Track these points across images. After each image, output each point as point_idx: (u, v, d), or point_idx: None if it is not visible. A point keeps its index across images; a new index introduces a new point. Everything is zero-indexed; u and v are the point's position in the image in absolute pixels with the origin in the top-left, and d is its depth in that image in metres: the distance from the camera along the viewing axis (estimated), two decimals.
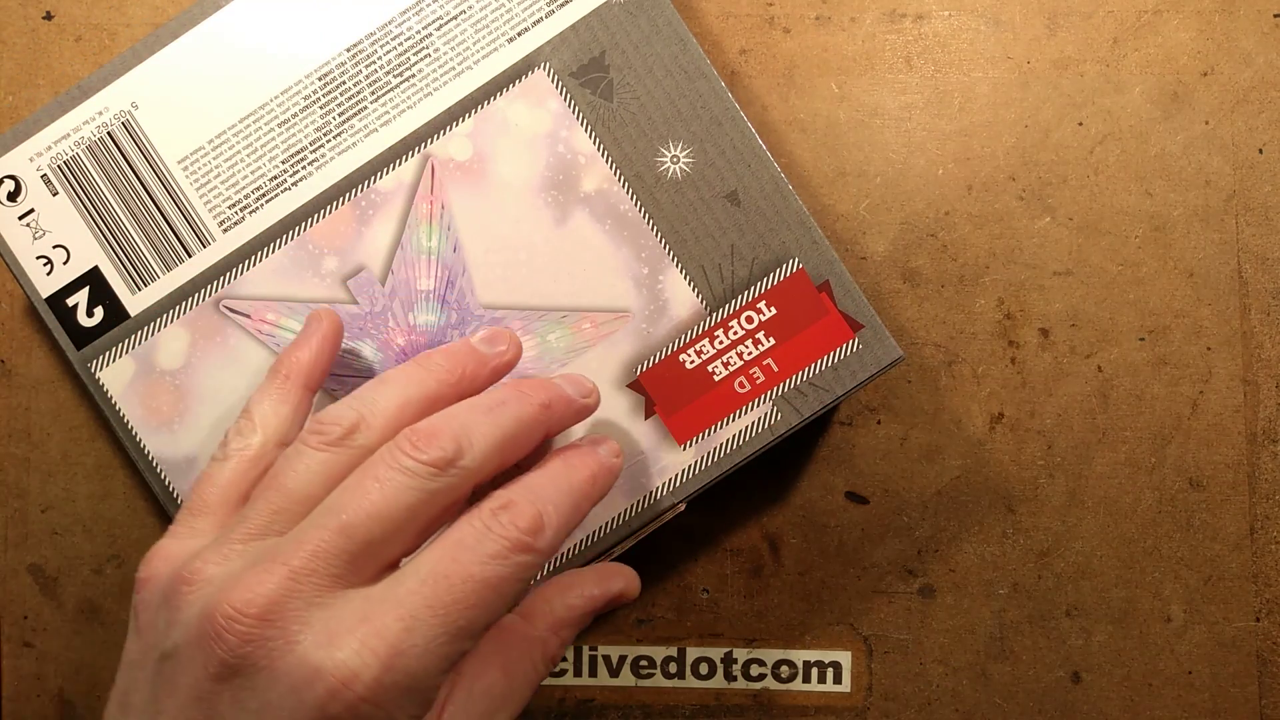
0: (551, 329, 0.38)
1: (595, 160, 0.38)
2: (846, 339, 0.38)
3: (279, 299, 0.38)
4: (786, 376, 0.38)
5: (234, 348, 0.38)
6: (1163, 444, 0.43)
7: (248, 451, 0.33)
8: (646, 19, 0.38)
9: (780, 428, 0.38)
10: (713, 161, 0.38)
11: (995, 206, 0.44)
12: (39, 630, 0.44)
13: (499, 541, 0.30)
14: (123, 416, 0.38)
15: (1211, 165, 0.44)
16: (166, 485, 0.38)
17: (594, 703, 0.44)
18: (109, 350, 0.39)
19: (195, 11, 0.39)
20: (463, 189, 0.38)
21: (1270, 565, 0.43)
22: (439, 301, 0.38)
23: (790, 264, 0.38)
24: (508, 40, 0.38)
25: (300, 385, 0.35)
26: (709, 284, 0.38)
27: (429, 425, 0.31)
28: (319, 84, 0.38)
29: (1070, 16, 0.44)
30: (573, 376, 0.36)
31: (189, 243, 0.38)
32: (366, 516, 0.29)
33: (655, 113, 0.38)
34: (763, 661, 0.44)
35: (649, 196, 0.38)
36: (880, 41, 0.44)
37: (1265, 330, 0.43)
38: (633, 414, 0.38)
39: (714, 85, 0.38)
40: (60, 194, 0.39)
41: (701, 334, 0.38)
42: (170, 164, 0.38)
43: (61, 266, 0.39)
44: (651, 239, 0.38)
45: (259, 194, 0.38)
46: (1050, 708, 0.43)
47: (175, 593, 0.30)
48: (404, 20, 0.38)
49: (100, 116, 0.38)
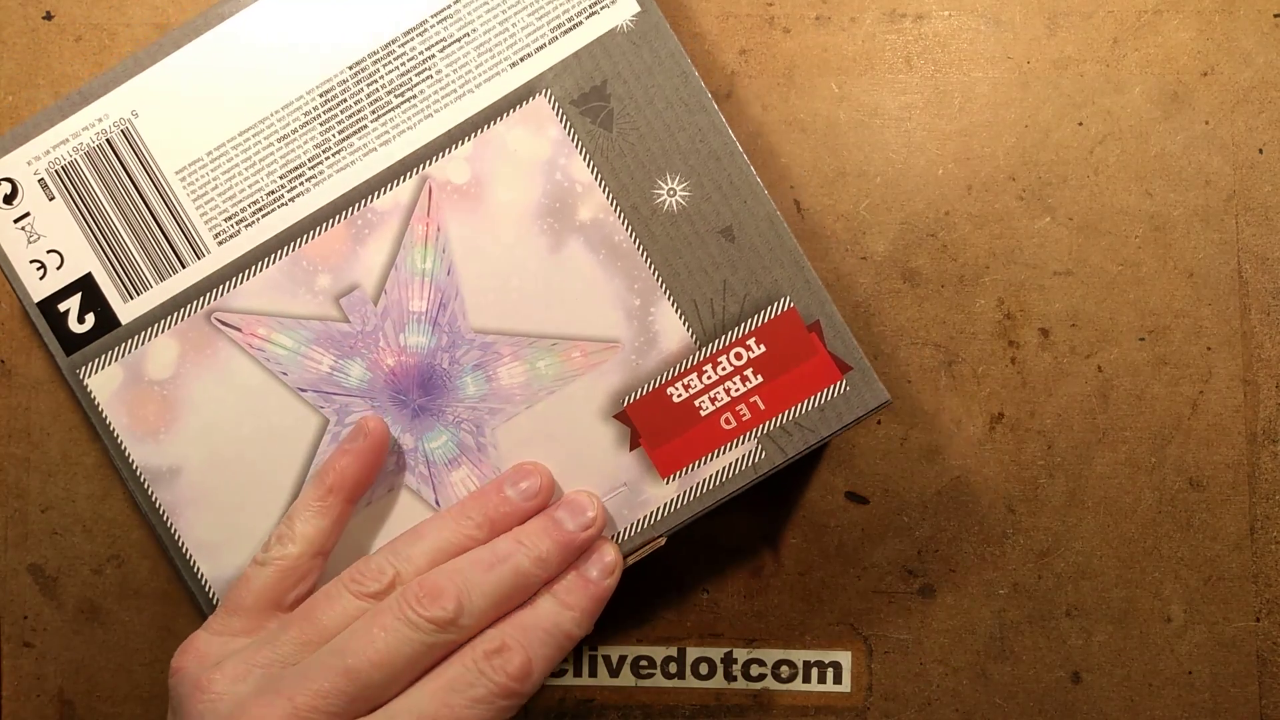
0: (541, 356, 0.38)
1: (592, 189, 0.38)
2: (834, 380, 0.38)
3: (271, 314, 0.38)
4: (773, 415, 0.38)
5: (224, 360, 0.38)
6: (1163, 444, 0.43)
7: (285, 561, 0.36)
8: (650, 50, 0.38)
9: (764, 466, 0.38)
10: (709, 196, 0.38)
11: (995, 206, 0.44)
12: (39, 630, 0.44)
13: (488, 686, 0.33)
14: (109, 424, 0.38)
15: (1211, 165, 0.44)
16: (149, 494, 0.38)
17: (594, 703, 0.44)
18: (99, 357, 0.38)
19: (199, 22, 0.38)
20: (459, 212, 0.38)
21: (1270, 565, 0.43)
22: (430, 323, 0.38)
23: (782, 302, 0.38)
24: (510, 65, 0.38)
25: (343, 499, 0.37)
26: (700, 318, 0.38)
27: (434, 582, 0.33)
28: (320, 101, 0.38)
29: (1070, 16, 0.44)
30: (576, 502, 0.37)
31: (183, 253, 0.38)
32: (369, 664, 0.32)
33: (654, 144, 0.38)
34: (763, 661, 0.44)
35: (644, 228, 0.38)
36: (880, 41, 0.44)
37: (1265, 330, 0.43)
38: (617, 445, 0.38)
39: (714, 120, 0.38)
40: (57, 199, 0.38)
41: (690, 368, 0.38)
42: (168, 174, 0.38)
43: (55, 271, 0.39)
44: (644, 271, 0.38)
45: (255, 208, 0.38)
46: (1050, 708, 0.43)
47: (191, 697, 0.33)
48: (408, 41, 0.38)
49: (100, 123, 0.38)
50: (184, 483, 0.38)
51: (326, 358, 0.38)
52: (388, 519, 0.38)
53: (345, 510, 0.37)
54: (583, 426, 0.38)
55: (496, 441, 0.38)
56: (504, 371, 0.38)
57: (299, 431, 0.38)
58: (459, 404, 0.38)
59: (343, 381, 0.38)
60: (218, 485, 0.38)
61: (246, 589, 0.36)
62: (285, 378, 0.38)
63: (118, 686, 0.44)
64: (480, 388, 0.38)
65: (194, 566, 0.38)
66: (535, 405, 0.38)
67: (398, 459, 0.38)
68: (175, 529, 0.38)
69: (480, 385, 0.38)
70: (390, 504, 0.38)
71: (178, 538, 0.38)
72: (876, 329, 0.44)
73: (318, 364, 0.38)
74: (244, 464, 0.38)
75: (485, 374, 0.38)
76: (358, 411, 0.38)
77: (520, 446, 0.38)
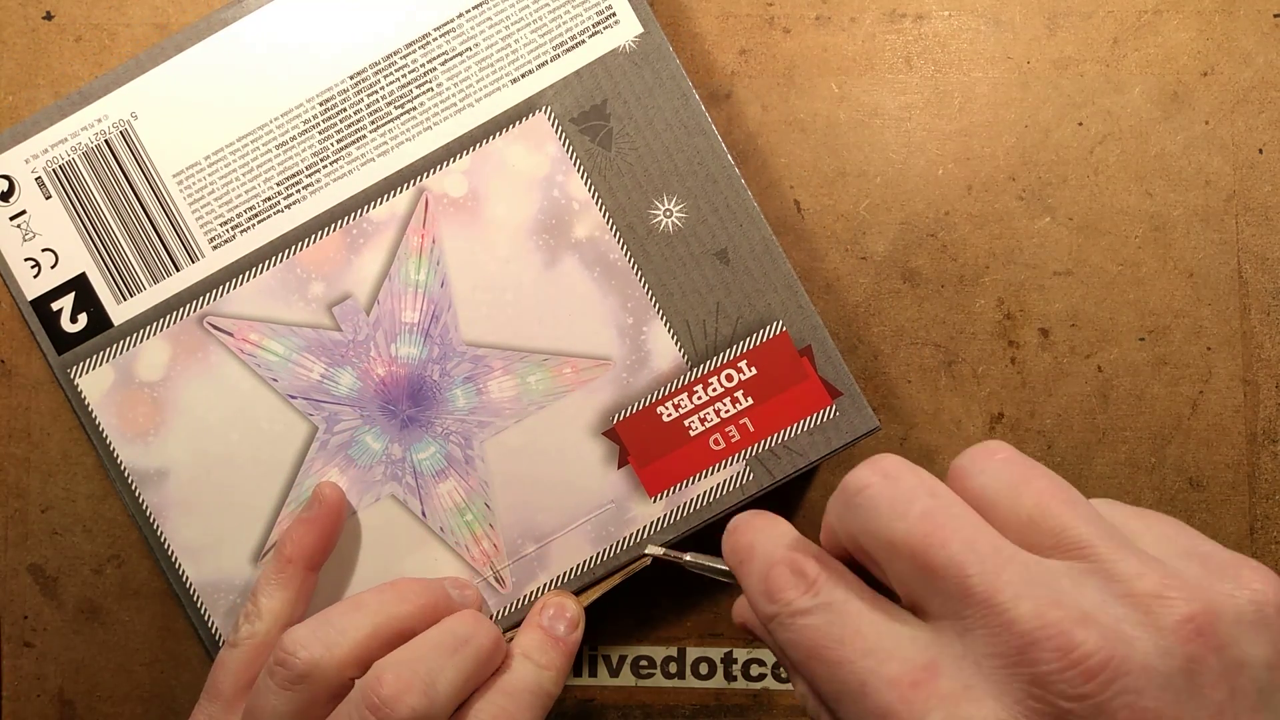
0: (532, 371, 0.38)
1: (589, 207, 0.38)
2: (824, 405, 0.38)
3: (263, 320, 0.38)
4: (762, 437, 0.38)
5: (214, 364, 0.38)
6: (1163, 444, 0.43)
7: (254, 639, 0.35)
8: (651, 71, 0.38)
9: (751, 488, 0.38)
10: (705, 218, 0.38)
11: (995, 206, 0.44)
12: (39, 630, 0.44)
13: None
14: (98, 424, 0.38)
15: (1211, 165, 0.44)
16: (136, 495, 0.38)
17: (594, 703, 0.44)
18: (90, 357, 0.39)
19: (201, 26, 0.39)
20: (455, 225, 0.38)
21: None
22: (422, 335, 0.38)
23: (774, 326, 0.38)
24: (511, 81, 0.38)
25: (303, 568, 0.37)
26: (692, 339, 0.38)
27: (395, 680, 0.31)
28: (320, 109, 0.38)
29: (1070, 16, 0.44)
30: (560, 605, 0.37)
31: (178, 256, 0.38)
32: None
33: (652, 165, 0.38)
34: (763, 661, 0.44)
35: (639, 248, 0.38)
36: (880, 41, 0.44)
37: (1265, 330, 0.43)
38: (606, 462, 0.38)
39: (712, 142, 0.38)
40: (53, 198, 0.38)
41: (681, 388, 0.38)
42: (165, 177, 0.38)
43: (49, 270, 0.39)
44: (638, 290, 0.38)
45: (251, 214, 0.38)
46: None
47: None
48: (410, 53, 0.38)
49: (99, 124, 0.38)
50: (171, 485, 0.38)
51: (317, 365, 0.38)
52: (375, 529, 0.38)
53: (308, 578, 0.37)
54: (571, 442, 0.38)
55: (485, 455, 0.38)
56: (494, 385, 0.38)
57: (288, 438, 0.38)
58: (448, 416, 0.38)
59: (333, 389, 0.38)
60: (205, 489, 0.38)
61: (224, 673, 0.35)
62: (275, 384, 0.38)
63: (118, 686, 0.44)
64: (470, 400, 0.38)
65: (179, 569, 0.38)
66: (525, 420, 0.38)
67: (385, 469, 0.38)
68: (161, 531, 0.38)
69: (470, 398, 0.38)
70: (377, 514, 0.38)
71: (164, 540, 0.38)
72: (876, 329, 0.44)
73: (308, 371, 0.38)
74: (232, 468, 0.38)
75: (476, 387, 0.38)
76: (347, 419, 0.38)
77: (508, 461, 0.38)
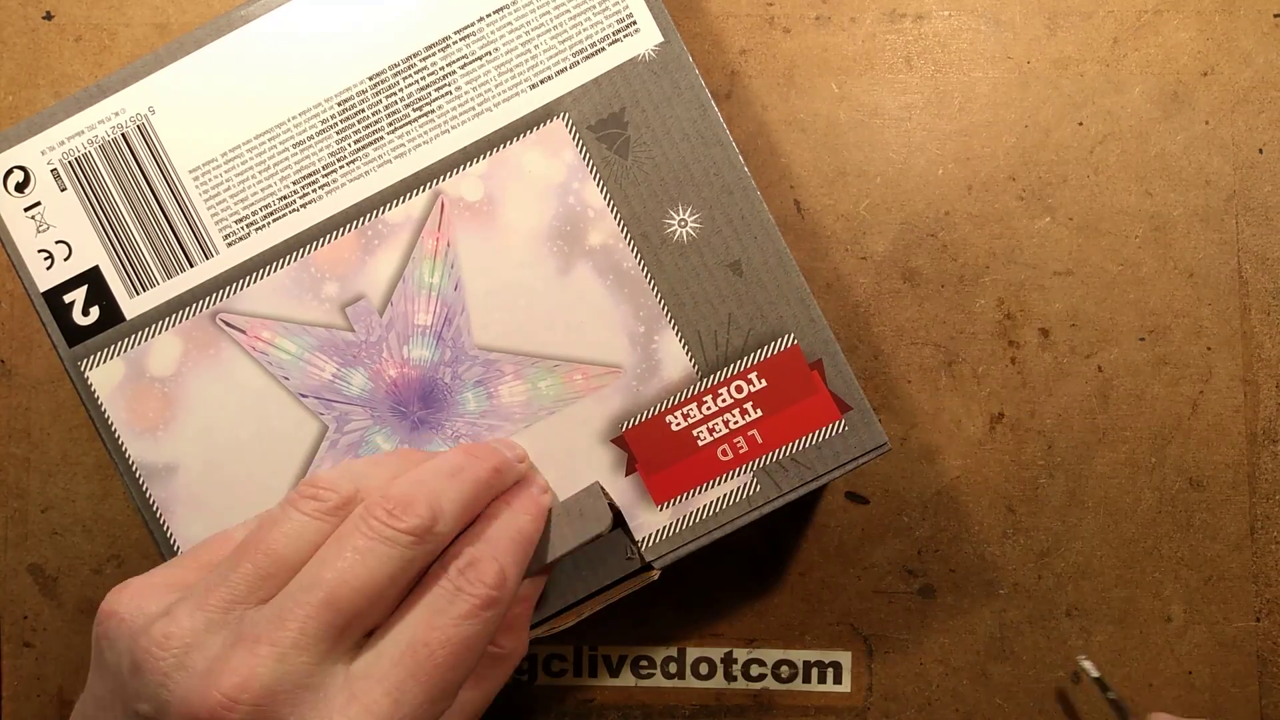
0: (543, 376, 0.38)
1: (604, 215, 0.38)
2: (833, 419, 0.38)
3: (276, 318, 0.38)
4: (770, 449, 0.38)
5: (226, 361, 0.38)
6: (1163, 444, 0.44)
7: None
8: (670, 80, 0.38)
9: (758, 500, 0.38)
10: (720, 229, 0.38)
11: (995, 206, 0.44)
12: (39, 630, 0.44)
13: (469, 601, 0.31)
14: (107, 418, 0.38)
15: (1211, 165, 0.44)
16: (144, 491, 0.38)
17: (594, 703, 0.44)
18: (101, 351, 0.38)
19: (221, 22, 0.39)
20: (470, 229, 0.38)
21: (1270, 565, 0.43)
22: (435, 338, 0.38)
23: (785, 339, 0.38)
24: (530, 86, 0.38)
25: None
26: (703, 349, 0.38)
27: (402, 493, 0.31)
28: (338, 109, 0.38)
29: (1070, 16, 0.44)
30: (507, 441, 0.37)
31: (192, 252, 0.38)
32: (351, 590, 0.29)
33: (668, 174, 0.38)
34: (763, 661, 0.44)
35: (653, 257, 0.38)
36: (880, 41, 0.44)
37: (1265, 330, 0.44)
38: (613, 469, 0.38)
39: (729, 154, 0.38)
40: (68, 190, 0.38)
41: (690, 397, 0.38)
42: (181, 172, 0.38)
43: (62, 262, 0.39)
44: (651, 299, 0.38)
45: (267, 212, 0.38)
46: (1050, 708, 0.43)
47: (148, 656, 0.29)
48: (429, 55, 0.38)
49: (116, 117, 0.38)
50: (180, 481, 0.38)
51: (329, 365, 0.38)
52: None
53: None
54: (580, 449, 0.38)
55: None
56: (505, 389, 0.38)
57: (298, 436, 0.38)
58: (458, 419, 0.38)
59: (344, 389, 0.38)
60: (213, 485, 0.38)
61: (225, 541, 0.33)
62: (287, 382, 0.38)
63: None
64: (481, 404, 0.38)
65: None
66: (534, 425, 0.38)
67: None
68: (168, 526, 0.38)
69: (481, 402, 0.38)
70: None
71: (170, 535, 0.38)
72: (876, 329, 0.44)
73: (320, 371, 0.38)
74: (241, 465, 0.38)
75: (486, 391, 0.38)
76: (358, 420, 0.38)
77: None
